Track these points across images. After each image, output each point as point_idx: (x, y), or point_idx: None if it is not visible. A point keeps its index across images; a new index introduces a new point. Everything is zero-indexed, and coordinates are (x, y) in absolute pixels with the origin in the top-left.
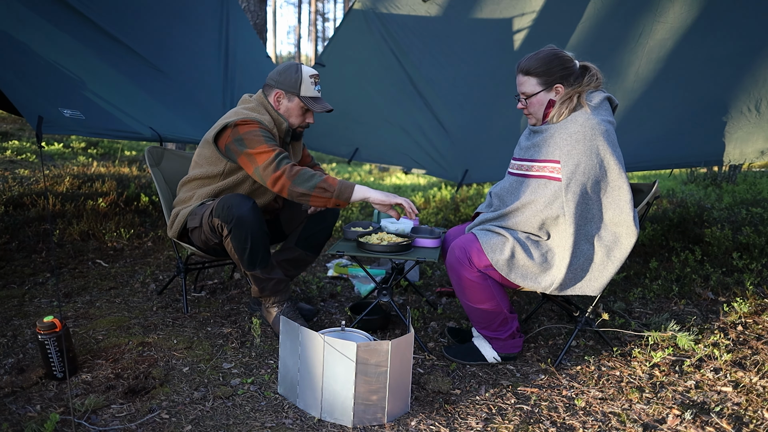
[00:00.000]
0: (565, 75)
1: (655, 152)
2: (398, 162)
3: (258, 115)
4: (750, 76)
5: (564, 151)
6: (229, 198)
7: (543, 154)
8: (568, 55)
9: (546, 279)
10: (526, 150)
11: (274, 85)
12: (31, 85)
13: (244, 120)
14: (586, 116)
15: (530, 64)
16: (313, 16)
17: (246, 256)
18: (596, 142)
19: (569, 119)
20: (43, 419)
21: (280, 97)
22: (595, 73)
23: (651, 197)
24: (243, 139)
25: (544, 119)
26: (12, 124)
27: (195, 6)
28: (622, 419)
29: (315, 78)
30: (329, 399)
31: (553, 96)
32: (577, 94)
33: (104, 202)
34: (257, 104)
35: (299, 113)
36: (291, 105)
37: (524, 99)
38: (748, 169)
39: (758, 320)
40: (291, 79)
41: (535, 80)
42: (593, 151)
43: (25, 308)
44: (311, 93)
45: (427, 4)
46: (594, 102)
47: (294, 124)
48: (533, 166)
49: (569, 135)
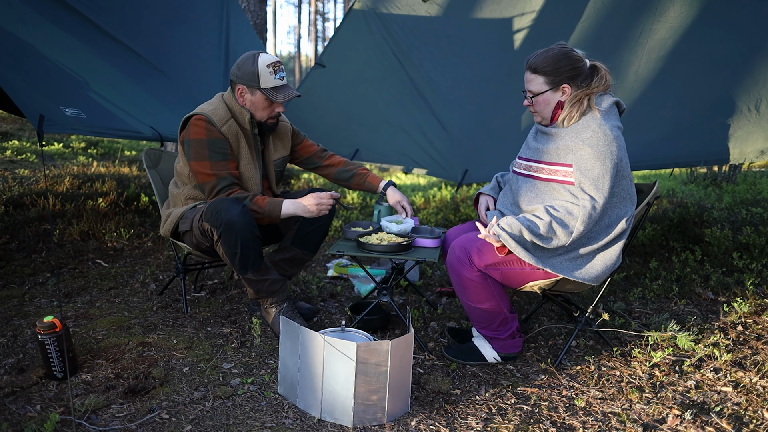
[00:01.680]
0: (572, 76)
1: (655, 152)
2: (398, 162)
3: (212, 108)
4: (750, 76)
5: (577, 156)
6: (219, 202)
7: (555, 157)
8: (578, 55)
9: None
10: (534, 151)
11: (235, 80)
12: (32, 84)
13: (198, 117)
14: (597, 122)
15: (538, 62)
16: (313, 16)
17: (237, 260)
18: (610, 148)
19: (581, 124)
20: (43, 419)
21: (243, 92)
22: (604, 75)
23: (651, 197)
24: (191, 146)
25: (553, 120)
26: (12, 124)
27: (195, 6)
28: (622, 419)
29: (274, 66)
30: (329, 399)
31: (559, 96)
32: (587, 97)
33: (104, 202)
34: (218, 100)
35: (265, 105)
36: (254, 98)
37: (530, 97)
38: (748, 169)
39: (758, 320)
40: (248, 72)
41: (542, 79)
42: (606, 156)
43: (25, 308)
44: (272, 83)
45: (427, 4)
46: (604, 106)
47: (263, 117)
48: (544, 168)
49: (582, 141)
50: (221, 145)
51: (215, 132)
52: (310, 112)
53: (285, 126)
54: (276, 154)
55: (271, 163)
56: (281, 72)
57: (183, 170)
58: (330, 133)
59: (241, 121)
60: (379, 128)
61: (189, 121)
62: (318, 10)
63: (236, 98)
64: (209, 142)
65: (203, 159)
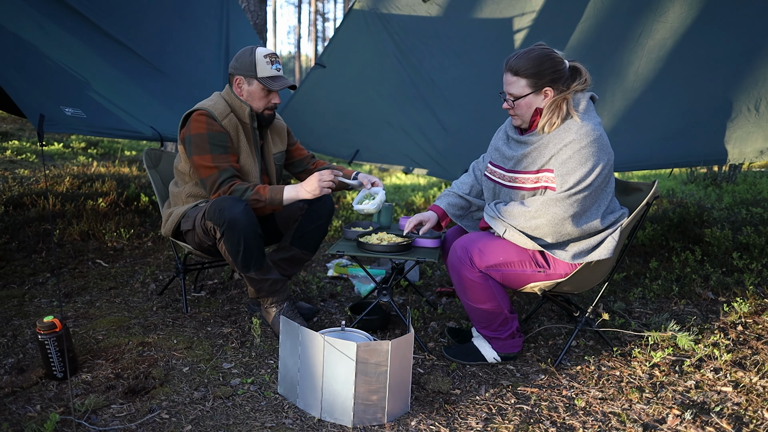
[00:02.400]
0: (555, 78)
1: (655, 152)
2: (399, 162)
3: (211, 104)
4: (749, 76)
5: (559, 161)
6: (222, 200)
7: (538, 165)
8: (559, 56)
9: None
10: (514, 161)
11: (233, 71)
12: (32, 84)
13: (198, 112)
14: (578, 125)
15: (520, 64)
16: (313, 16)
17: (240, 259)
18: (591, 149)
19: (562, 128)
20: (43, 419)
21: (241, 83)
22: (585, 77)
23: (650, 197)
24: (192, 141)
25: (532, 126)
26: (12, 124)
27: (195, 6)
28: (622, 419)
29: (271, 57)
30: (329, 399)
31: (541, 100)
32: (565, 101)
33: (104, 202)
34: (217, 96)
35: (262, 95)
36: (252, 88)
37: (512, 100)
38: (748, 169)
39: (758, 320)
40: (246, 63)
41: (524, 81)
42: (587, 158)
43: (25, 308)
44: (268, 73)
45: (427, 4)
46: (581, 107)
47: (260, 108)
48: (529, 178)
49: (564, 145)
50: (222, 138)
51: (216, 126)
52: (310, 113)
53: (281, 123)
54: (275, 148)
55: (271, 157)
56: (277, 63)
57: (183, 169)
58: (330, 133)
59: (240, 115)
60: (379, 128)
61: (189, 117)
62: (318, 10)
63: (234, 91)
64: (210, 136)
65: (204, 152)
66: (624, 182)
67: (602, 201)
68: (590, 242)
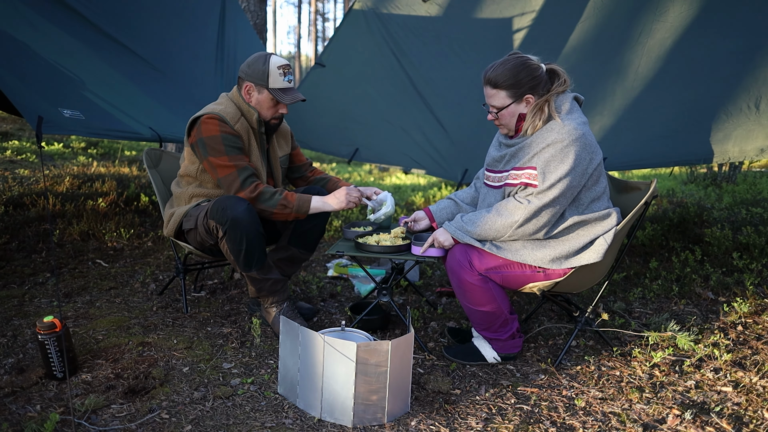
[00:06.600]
0: (533, 85)
1: (655, 151)
2: (398, 162)
3: (222, 108)
4: (749, 74)
5: (541, 159)
6: (224, 199)
7: (521, 163)
8: (535, 63)
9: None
10: (505, 163)
11: (244, 77)
12: (31, 86)
13: (209, 116)
14: (559, 125)
15: (497, 76)
16: (313, 16)
17: (242, 258)
18: (573, 147)
19: (545, 129)
20: (43, 419)
21: (250, 90)
22: (564, 79)
23: (649, 197)
24: (205, 144)
25: (518, 132)
26: (12, 124)
27: (195, 6)
28: (622, 419)
29: (284, 68)
30: (329, 399)
31: (523, 108)
32: (546, 103)
33: (104, 202)
34: (225, 99)
35: (270, 105)
36: (261, 97)
37: (495, 112)
38: (748, 169)
39: (758, 320)
40: (259, 71)
41: (504, 93)
42: (568, 156)
43: (25, 308)
44: (280, 84)
45: (427, 4)
46: (564, 108)
47: (266, 116)
48: (511, 174)
49: (547, 144)
50: (235, 141)
51: (228, 128)
52: (310, 112)
53: (286, 126)
54: (281, 151)
55: (277, 160)
56: (290, 75)
57: (188, 169)
58: (330, 132)
59: (249, 119)
60: (379, 128)
61: (198, 120)
62: (318, 10)
63: (242, 96)
64: (224, 138)
65: (220, 154)
66: (623, 181)
67: (585, 198)
68: (579, 243)
